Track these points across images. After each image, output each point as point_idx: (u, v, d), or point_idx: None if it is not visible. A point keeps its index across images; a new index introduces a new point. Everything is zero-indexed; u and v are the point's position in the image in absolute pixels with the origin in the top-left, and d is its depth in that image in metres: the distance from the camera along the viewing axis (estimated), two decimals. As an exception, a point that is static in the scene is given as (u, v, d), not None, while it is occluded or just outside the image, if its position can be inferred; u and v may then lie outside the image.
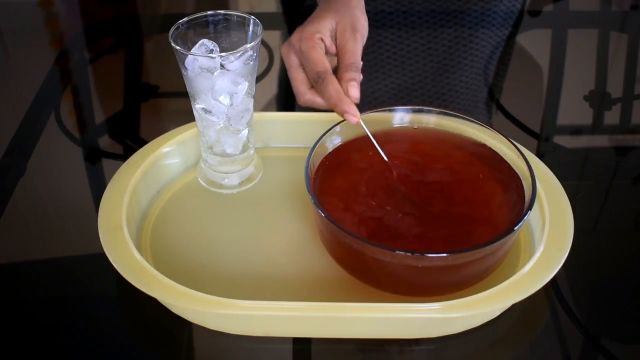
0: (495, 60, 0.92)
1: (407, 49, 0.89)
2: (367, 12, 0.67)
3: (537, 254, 0.56)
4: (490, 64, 0.91)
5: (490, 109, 0.87)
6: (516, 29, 0.97)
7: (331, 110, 0.62)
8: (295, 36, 0.63)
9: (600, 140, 0.83)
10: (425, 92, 0.86)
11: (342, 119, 0.62)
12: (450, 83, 0.87)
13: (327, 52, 0.64)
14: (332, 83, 0.60)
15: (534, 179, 0.58)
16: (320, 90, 0.61)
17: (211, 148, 0.67)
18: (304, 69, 0.63)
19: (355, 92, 0.60)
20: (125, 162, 0.67)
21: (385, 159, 0.60)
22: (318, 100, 0.62)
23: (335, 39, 0.64)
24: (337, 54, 0.64)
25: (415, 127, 0.66)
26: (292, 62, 0.63)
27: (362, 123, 0.60)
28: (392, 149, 0.64)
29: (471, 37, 0.91)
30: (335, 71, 0.63)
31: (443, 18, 0.91)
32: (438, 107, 0.66)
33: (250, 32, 0.64)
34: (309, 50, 0.61)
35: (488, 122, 0.64)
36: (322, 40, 0.62)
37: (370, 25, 0.67)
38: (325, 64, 0.61)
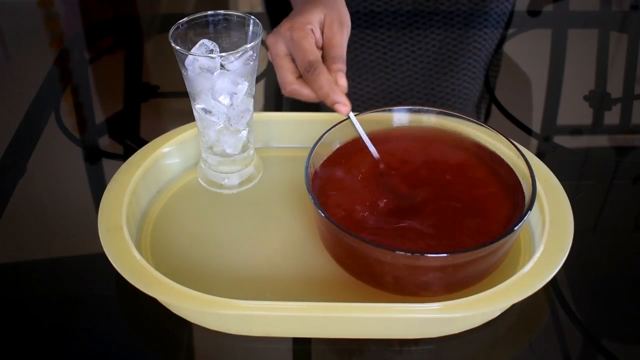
0: (488, 61, 0.91)
1: (398, 49, 0.89)
2: (356, 12, 0.68)
3: (537, 254, 0.56)
4: (482, 65, 0.90)
5: (482, 109, 0.87)
6: (506, 30, 0.96)
7: (313, 104, 0.62)
8: (285, 25, 0.63)
9: (600, 140, 0.83)
10: (415, 94, 0.85)
11: (342, 119, 0.62)
12: (442, 84, 0.87)
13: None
14: (324, 73, 0.60)
15: (534, 179, 0.58)
16: (311, 79, 0.61)
17: (211, 148, 0.67)
18: (292, 58, 0.63)
19: (344, 81, 0.61)
20: (125, 162, 0.67)
21: (376, 155, 0.60)
22: (304, 92, 0.62)
23: (322, 31, 0.64)
24: (322, 47, 0.64)
25: (414, 126, 0.66)
26: (280, 51, 0.63)
27: (352, 115, 0.60)
28: (391, 149, 0.64)
29: (461, 37, 0.90)
30: None
31: (432, 18, 0.91)
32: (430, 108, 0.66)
33: (250, 32, 0.64)
34: (301, 40, 0.61)
35: (485, 123, 0.64)
36: (312, 31, 0.63)
37: (359, 25, 0.67)
38: (317, 53, 0.61)
